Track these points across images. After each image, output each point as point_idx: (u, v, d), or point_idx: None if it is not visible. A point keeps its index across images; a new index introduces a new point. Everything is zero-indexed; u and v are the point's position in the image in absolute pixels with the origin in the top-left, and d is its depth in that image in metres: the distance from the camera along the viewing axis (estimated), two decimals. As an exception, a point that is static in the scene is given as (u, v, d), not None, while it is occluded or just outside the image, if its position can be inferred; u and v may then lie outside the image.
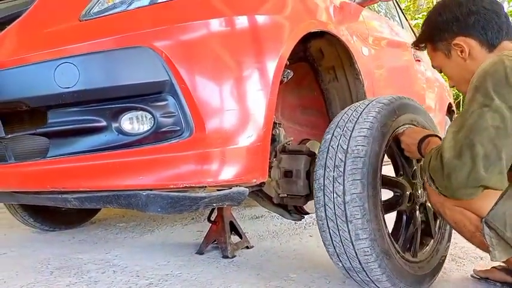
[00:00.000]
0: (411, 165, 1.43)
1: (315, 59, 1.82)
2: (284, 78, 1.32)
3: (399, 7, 3.39)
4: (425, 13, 9.69)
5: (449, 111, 3.85)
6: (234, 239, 1.77)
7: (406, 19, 3.47)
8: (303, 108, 1.96)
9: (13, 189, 1.30)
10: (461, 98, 7.73)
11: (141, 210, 1.14)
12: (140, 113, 1.12)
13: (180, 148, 1.09)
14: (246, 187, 1.21)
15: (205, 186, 1.15)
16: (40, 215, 2.14)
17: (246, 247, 1.79)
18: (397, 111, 1.29)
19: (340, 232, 1.15)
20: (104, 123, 1.12)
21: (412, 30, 3.50)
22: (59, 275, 1.49)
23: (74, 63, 1.08)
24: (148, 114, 1.11)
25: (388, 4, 2.98)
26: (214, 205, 1.22)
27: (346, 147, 1.17)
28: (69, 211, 2.23)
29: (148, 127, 1.11)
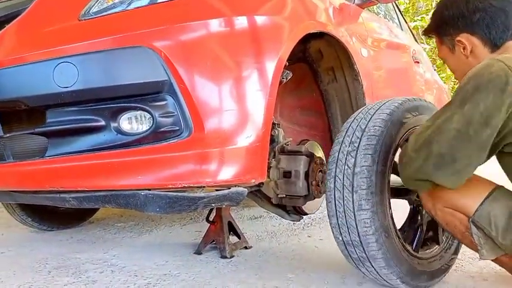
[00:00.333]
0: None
1: (314, 59, 1.82)
2: (283, 78, 1.32)
3: (398, 9, 3.40)
4: (424, 15, 9.73)
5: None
6: (233, 239, 1.77)
7: (405, 21, 3.48)
8: (302, 108, 1.97)
9: (11, 189, 1.29)
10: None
11: (139, 210, 1.14)
12: (139, 112, 1.12)
13: (178, 148, 1.09)
14: (244, 187, 1.21)
15: (203, 187, 1.15)
16: (38, 214, 2.12)
17: (245, 247, 1.78)
18: (419, 109, 1.33)
19: (344, 202, 1.19)
20: (103, 123, 1.12)
21: (411, 32, 3.50)
22: (57, 275, 1.48)
23: (73, 63, 1.09)
24: (147, 114, 1.11)
25: (387, 6, 2.98)
26: (213, 205, 1.22)
27: (364, 127, 1.23)
28: (67, 211, 2.22)
29: (147, 127, 1.11)
